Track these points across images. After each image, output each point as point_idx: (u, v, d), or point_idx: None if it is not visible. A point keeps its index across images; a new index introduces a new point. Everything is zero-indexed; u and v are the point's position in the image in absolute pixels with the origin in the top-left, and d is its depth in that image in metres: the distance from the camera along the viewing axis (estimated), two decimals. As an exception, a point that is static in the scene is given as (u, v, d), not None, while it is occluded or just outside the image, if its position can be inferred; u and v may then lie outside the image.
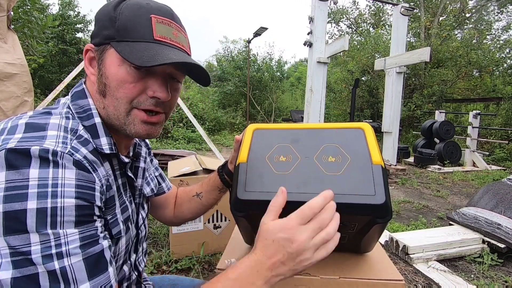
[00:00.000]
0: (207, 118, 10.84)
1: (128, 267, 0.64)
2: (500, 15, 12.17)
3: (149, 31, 0.51)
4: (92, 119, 0.54)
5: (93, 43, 0.54)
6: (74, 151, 0.46)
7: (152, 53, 0.50)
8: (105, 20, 0.53)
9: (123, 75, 0.51)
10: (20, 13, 3.12)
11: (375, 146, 0.60)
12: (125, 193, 0.62)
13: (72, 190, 0.43)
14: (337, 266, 0.65)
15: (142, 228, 0.70)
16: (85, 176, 0.45)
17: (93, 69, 0.55)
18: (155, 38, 0.52)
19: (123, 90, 0.52)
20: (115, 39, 0.51)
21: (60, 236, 0.41)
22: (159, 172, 0.86)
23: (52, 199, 0.41)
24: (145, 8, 0.52)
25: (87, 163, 0.47)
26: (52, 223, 0.41)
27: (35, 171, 0.41)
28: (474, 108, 8.50)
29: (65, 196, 0.42)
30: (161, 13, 0.53)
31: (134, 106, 0.54)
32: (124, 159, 0.59)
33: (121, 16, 0.51)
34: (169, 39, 0.53)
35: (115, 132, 0.58)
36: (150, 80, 0.53)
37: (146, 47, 0.50)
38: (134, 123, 0.54)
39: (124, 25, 0.51)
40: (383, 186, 0.54)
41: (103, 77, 0.53)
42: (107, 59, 0.52)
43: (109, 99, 0.53)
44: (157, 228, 2.32)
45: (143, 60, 0.48)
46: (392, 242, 2.25)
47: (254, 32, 10.76)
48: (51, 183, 0.41)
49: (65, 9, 12.26)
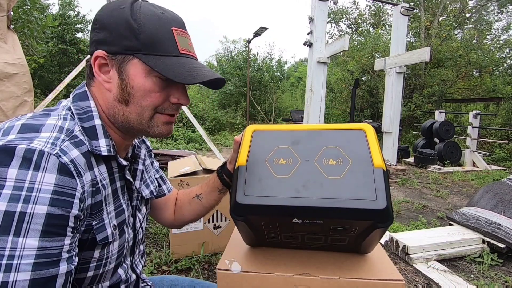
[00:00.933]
0: (207, 118, 10.84)
1: (123, 270, 0.64)
2: (500, 15, 12.17)
3: (174, 44, 0.54)
4: (92, 120, 0.54)
5: (106, 51, 0.53)
6: (62, 153, 0.45)
7: (187, 68, 0.54)
8: (123, 29, 0.52)
9: (150, 85, 0.54)
10: (20, 13, 3.12)
11: (376, 148, 0.59)
12: (122, 196, 0.61)
13: (48, 197, 0.42)
14: (337, 266, 0.65)
15: (139, 231, 0.70)
16: (66, 182, 0.44)
17: (105, 75, 0.55)
18: (180, 52, 0.55)
19: (149, 99, 0.55)
20: (141, 52, 0.52)
21: (17, 247, 0.39)
22: (160, 174, 0.86)
23: (24, 203, 0.40)
24: (164, 20, 0.54)
25: (73, 167, 0.46)
26: (16, 229, 0.39)
27: (14, 171, 0.40)
28: (474, 108, 8.50)
29: (38, 202, 0.41)
30: (178, 25, 0.56)
31: (157, 112, 0.57)
32: (122, 162, 0.59)
33: (144, 28, 0.52)
34: (189, 51, 0.57)
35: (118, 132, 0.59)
36: (172, 89, 0.57)
37: (178, 63, 0.53)
38: (158, 125, 0.58)
39: (150, 39, 0.52)
40: (384, 191, 0.53)
41: (128, 87, 0.54)
42: (130, 70, 0.53)
43: (132, 107, 0.55)
44: (157, 228, 2.32)
45: (184, 77, 0.52)
46: (392, 242, 2.25)
47: (254, 32, 10.76)
48: (27, 187, 0.41)
49: (65, 9, 12.25)
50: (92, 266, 0.54)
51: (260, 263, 0.67)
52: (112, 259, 0.58)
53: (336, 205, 0.53)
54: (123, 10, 0.53)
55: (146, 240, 2.21)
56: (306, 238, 0.65)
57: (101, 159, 0.55)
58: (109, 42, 0.53)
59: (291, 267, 0.65)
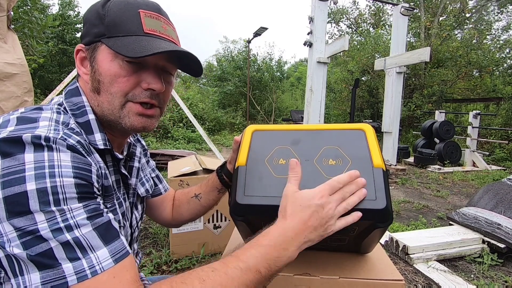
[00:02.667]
0: (207, 118, 10.84)
1: None
2: (500, 15, 12.16)
3: (139, 25, 0.53)
4: (86, 115, 0.54)
5: (84, 43, 0.55)
6: (67, 136, 0.46)
7: (144, 44, 0.51)
8: (93, 19, 0.54)
9: (116, 69, 0.52)
10: (20, 13, 3.12)
11: (376, 148, 0.59)
12: (118, 190, 0.62)
13: (70, 171, 0.43)
14: (337, 266, 0.65)
15: (135, 229, 0.70)
16: (80, 159, 0.46)
17: (85, 68, 0.56)
18: (145, 32, 0.53)
19: (117, 84, 0.53)
20: (105, 36, 0.52)
21: (65, 211, 0.41)
22: (156, 173, 0.86)
23: (51, 178, 0.41)
24: (133, 4, 0.54)
25: (81, 148, 0.47)
26: (54, 201, 0.41)
27: (30, 155, 0.41)
28: (474, 108, 8.50)
29: (63, 175, 0.42)
30: (148, 8, 0.55)
31: (129, 99, 0.55)
32: (118, 155, 0.60)
33: (110, 13, 0.52)
34: (159, 32, 0.55)
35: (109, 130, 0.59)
36: (143, 73, 0.54)
37: (136, 40, 0.51)
38: (129, 115, 0.55)
39: (113, 21, 0.52)
40: (384, 191, 0.53)
41: (96, 74, 0.53)
42: (98, 56, 0.53)
43: (103, 95, 0.54)
44: (157, 228, 2.32)
45: (136, 51, 0.49)
46: (392, 242, 2.25)
47: (254, 32, 10.77)
48: (48, 165, 0.41)
49: (65, 9, 12.26)
50: None
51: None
52: None
53: None
54: (97, 3, 0.55)
55: (146, 240, 2.21)
56: (306, 238, 0.65)
57: (97, 152, 0.55)
58: (85, 34, 0.55)
59: (291, 267, 0.64)
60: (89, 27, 0.54)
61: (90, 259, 0.41)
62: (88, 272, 0.40)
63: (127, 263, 0.45)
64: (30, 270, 0.39)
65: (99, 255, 0.42)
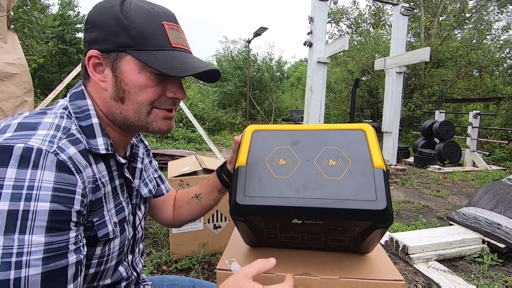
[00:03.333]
0: (207, 118, 10.84)
1: (124, 267, 0.64)
2: (500, 15, 12.15)
3: (166, 38, 0.54)
4: (90, 119, 0.54)
5: (99, 49, 0.53)
6: (60, 150, 0.45)
7: (180, 61, 0.53)
8: (113, 26, 0.52)
9: (144, 81, 0.54)
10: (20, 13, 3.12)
11: (376, 148, 0.58)
12: (122, 194, 0.62)
13: (49, 194, 0.42)
14: (337, 266, 0.65)
15: (138, 229, 0.70)
16: (65, 179, 0.44)
17: (100, 75, 0.55)
18: (173, 46, 0.55)
19: (145, 94, 0.55)
20: (133, 48, 0.52)
21: (24, 244, 0.39)
22: (158, 173, 0.86)
23: (26, 202, 0.40)
24: (155, 15, 0.54)
25: (71, 164, 0.46)
26: (21, 227, 0.39)
27: (13, 171, 0.40)
28: (474, 108, 8.50)
29: (39, 200, 0.41)
30: (169, 19, 0.56)
31: (155, 107, 0.57)
32: (121, 160, 0.60)
33: (135, 24, 0.52)
34: (181, 44, 0.57)
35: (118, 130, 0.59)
36: (167, 83, 0.57)
37: (170, 56, 0.53)
38: (156, 120, 0.58)
39: (140, 34, 0.52)
40: (384, 191, 0.53)
41: (122, 84, 0.54)
42: (124, 67, 0.53)
43: (128, 104, 0.55)
44: (157, 228, 2.32)
45: (176, 70, 0.52)
46: (392, 242, 2.25)
47: (254, 32, 10.77)
48: (27, 185, 0.41)
49: (65, 9, 12.25)
50: (94, 263, 0.55)
51: None
52: (114, 256, 0.59)
53: (336, 206, 0.53)
54: (113, 8, 0.53)
55: (146, 240, 2.21)
56: (306, 238, 0.65)
57: (99, 157, 0.55)
58: (101, 40, 0.53)
59: (291, 267, 0.64)
60: (107, 34, 0.52)
61: None
62: None
63: None
64: None
65: None
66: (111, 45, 0.53)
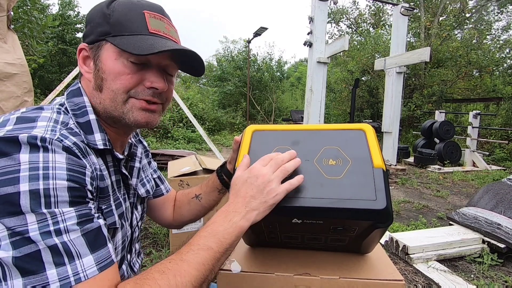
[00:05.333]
0: (207, 118, 10.84)
1: (126, 266, 0.64)
2: (500, 15, 12.15)
3: (144, 24, 0.54)
4: (87, 115, 0.55)
5: (87, 42, 0.56)
6: (63, 137, 0.46)
7: (150, 42, 0.52)
8: (98, 18, 0.55)
9: (120, 67, 0.53)
10: (20, 13, 3.12)
11: (376, 148, 0.59)
12: (118, 190, 0.62)
13: (64, 173, 0.43)
14: (337, 266, 0.65)
15: (135, 229, 0.70)
16: (75, 161, 0.46)
17: (87, 67, 0.57)
18: (150, 31, 0.54)
19: (120, 81, 0.54)
20: (111, 34, 0.53)
21: (56, 215, 0.41)
22: (157, 174, 0.86)
23: (44, 180, 0.41)
24: (137, 5, 0.55)
25: (77, 149, 0.47)
26: (46, 203, 0.41)
27: (26, 156, 0.41)
28: (474, 108, 8.50)
29: (56, 178, 0.42)
30: (152, 9, 0.56)
31: (131, 96, 0.56)
32: (118, 155, 0.60)
33: (115, 13, 0.54)
34: (163, 32, 0.56)
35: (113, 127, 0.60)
36: (146, 72, 0.56)
37: (143, 39, 0.53)
38: (132, 110, 0.56)
39: (118, 20, 0.53)
40: (384, 191, 0.53)
41: (100, 72, 0.54)
42: (103, 55, 0.54)
43: (105, 93, 0.55)
44: (157, 228, 2.32)
45: (143, 49, 0.50)
46: (392, 242, 2.25)
47: (254, 32, 10.77)
48: (42, 166, 0.42)
49: (65, 9, 12.25)
50: None
51: (260, 263, 0.67)
52: (118, 251, 0.59)
53: (336, 205, 0.53)
54: (101, 3, 0.56)
55: (146, 240, 2.21)
56: (306, 238, 0.65)
57: (97, 152, 0.55)
58: (88, 33, 0.56)
59: (291, 267, 0.65)
60: (93, 26, 0.55)
61: (76, 266, 0.41)
62: (72, 279, 0.40)
63: (110, 272, 0.45)
64: (14, 276, 0.39)
65: (85, 262, 0.42)
66: (95, 35, 0.55)
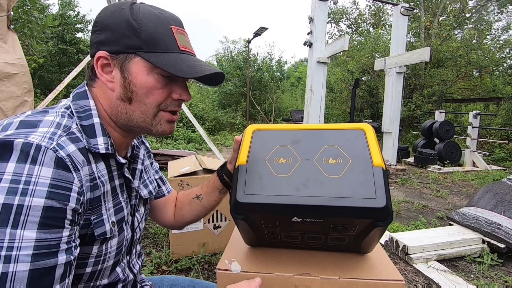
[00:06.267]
0: (207, 118, 10.84)
1: (121, 268, 0.64)
2: (500, 15, 12.15)
3: (174, 42, 0.56)
4: (91, 119, 0.55)
5: (108, 51, 0.54)
6: (59, 147, 0.46)
7: (188, 64, 0.55)
8: (123, 28, 0.54)
9: (152, 82, 0.55)
10: (20, 13, 3.12)
11: (376, 147, 0.59)
12: (121, 194, 0.62)
13: (44, 190, 0.42)
14: (337, 266, 0.65)
15: (137, 231, 0.70)
16: (63, 176, 0.45)
17: (108, 75, 0.56)
18: (180, 49, 0.57)
19: (152, 96, 0.56)
20: (143, 50, 0.54)
21: (15, 238, 0.40)
22: (159, 175, 0.86)
23: (21, 196, 0.40)
24: (164, 20, 0.56)
25: (69, 162, 0.46)
26: (14, 221, 0.40)
27: (12, 165, 0.41)
28: (474, 108, 8.50)
29: (34, 195, 0.41)
30: (176, 23, 0.58)
31: (161, 109, 0.58)
32: (121, 160, 0.60)
33: (145, 27, 0.54)
34: (188, 48, 0.59)
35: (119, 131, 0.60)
36: (174, 85, 0.59)
37: (178, 58, 0.55)
38: (161, 123, 0.59)
39: (150, 36, 0.54)
40: (383, 189, 0.53)
41: (131, 85, 0.55)
42: (132, 68, 0.55)
43: (136, 105, 0.56)
44: (157, 228, 2.32)
45: (185, 72, 0.54)
46: (392, 242, 2.25)
47: (254, 32, 10.77)
48: (24, 180, 0.41)
49: (65, 9, 12.24)
50: (90, 262, 0.55)
51: (260, 263, 0.67)
52: (111, 256, 0.59)
53: (336, 204, 0.53)
54: (123, 11, 0.55)
55: (146, 240, 2.21)
56: (306, 237, 0.65)
57: (99, 156, 0.55)
58: (110, 42, 0.55)
59: (291, 267, 0.65)
60: (117, 36, 0.54)
61: None
62: None
63: None
64: None
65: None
66: (121, 46, 0.54)
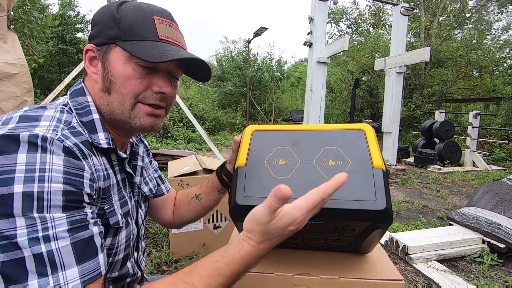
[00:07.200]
0: (207, 118, 10.84)
1: (131, 264, 0.65)
2: (500, 15, 12.15)
3: (154, 31, 0.55)
4: (91, 115, 0.55)
5: (94, 43, 0.56)
6: (65, 137, 0.46)
7: (161, 50, 0.53)
8: (107, 21, 0.55)
9: (129, 72, 0.54)
10: (20, 13, 3.12)
11: (376, 148, 0.58)
12: (124, 189, 0.62)
13: (60, 176, 0.43)
14: (337, 266, 0.65)
15: (141, 227, 0.71)
16: (74, 163, 0.45)
17: (94, 68, 0.57)
18: (160, 38, 0.55)
19: (129, 85, 0.55)
20: (121, 39, 0.54)
21: (46, 220, 0.40)
22: (158, 173, 0.86)
23: (39, 183, 0.41)
24: (147, 10, 0.55)
25: (77, 150, 0.47)
26: (38, 207, 0.40)
27: (23, 156, 0.41)
28: (474, 108, 8.49)
29: (52, 181, 0.42)
30: (162, 15, 0.57)
31: (139, 101, 0.56)
32: (122, 154, 0.60)
33: (125, 17, 0.54)
34: (172, 38, 0.57)
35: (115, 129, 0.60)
36: (154, 77, 0.57)
37: (153, 45, 0.53)
38: (139, 116, 0.57)
39: (129, 26, 0.54)
40: (384, 191, 0.53)
41: (109, 75, 0.55)
42: (111, 58, 0.55)
43: (114, 96, 0.55)
44: (157, 228, 2.32)
45: (154, 56, 0.51)
46: (392, 242, 2.25)
47: (254, 32, 10.75)
48: (39, 168, 0.41)
49: (65, 9, 12.25)
50: None
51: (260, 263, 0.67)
52: (121, 249, 0.59)
53: (335, 206, 0.53)
54: (111, 7, 0.56)
55: (146, 240, 2.21)
56: (306, 238, 0.65)
57: (100, 151, 0.55)
58: (96, 35, 0.56)
59: (291, 267, 0.65)
60: (102, 29, 0.55)
61: (58, 278, 0.40)
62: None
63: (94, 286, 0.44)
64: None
65: (68, 274, 0.41)
66: (104, 38, 0.55)
